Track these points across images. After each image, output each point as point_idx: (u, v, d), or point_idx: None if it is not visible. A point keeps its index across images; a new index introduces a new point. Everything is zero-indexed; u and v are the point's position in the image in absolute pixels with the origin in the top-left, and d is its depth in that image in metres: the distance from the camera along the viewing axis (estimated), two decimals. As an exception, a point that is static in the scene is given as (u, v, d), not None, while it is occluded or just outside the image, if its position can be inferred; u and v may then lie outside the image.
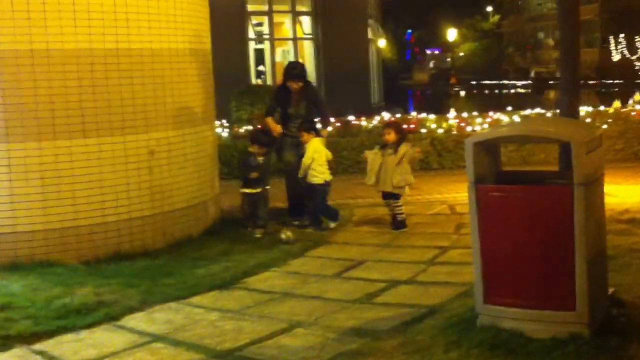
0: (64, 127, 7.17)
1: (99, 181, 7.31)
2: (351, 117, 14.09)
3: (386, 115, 14.35)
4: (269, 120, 9.26)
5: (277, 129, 9.12)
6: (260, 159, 8.69)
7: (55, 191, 7.15)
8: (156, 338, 5.40)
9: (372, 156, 8.75)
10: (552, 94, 44.43)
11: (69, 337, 5.46)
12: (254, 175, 8.57)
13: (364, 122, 13.94)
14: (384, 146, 8.75)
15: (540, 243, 4.79)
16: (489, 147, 5.14)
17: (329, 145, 9.53)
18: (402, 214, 8.78)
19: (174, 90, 7.94)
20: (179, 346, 5.20)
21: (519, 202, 4.84)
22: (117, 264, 7.07)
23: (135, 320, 5.74)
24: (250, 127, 13.58)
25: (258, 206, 8.61)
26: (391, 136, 8.66)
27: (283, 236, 8.14)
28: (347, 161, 13.03)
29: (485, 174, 5.05)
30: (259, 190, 8.64)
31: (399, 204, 8.76)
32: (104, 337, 5.43)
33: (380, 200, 8.97)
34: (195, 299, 6.18)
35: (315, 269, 7.15)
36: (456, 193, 11.02)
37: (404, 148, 8.65)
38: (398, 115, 15.01)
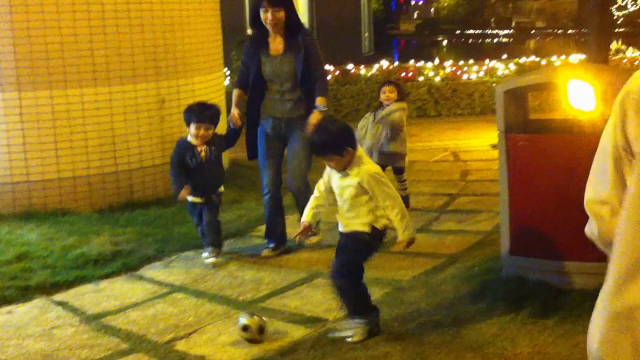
0: (75, 75, 6.79)
1: (110, 130, 6.96)
2: (350, 66, 13.68)
3: (385, 64, 13.91)
4: (233, 96, 5.79)
5: (232, 117, 5.66)
6: (202, 151, 5.52)
7: (67, 140, 6.81)
8: (176, 289, 5.13)
9: (363, 122, 7.00)
10: (532, 44, 44.05)
11: (88, 287, 5.18)
12: (195, 177, 5.54)
13: (362, 70, 13.54)
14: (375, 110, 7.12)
15: (570, 193, 4.50)
16: (517, 96, 4.81)
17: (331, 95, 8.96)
18: (406, 189, 7.14)
19: (184, 38, 7.54)
20: (200, 297, 4.94)
21: (550, 151, 4.53)
22: (131, 213, 6.76)
23: (154, 270, 5.46)
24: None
25: (206, 214, 5.61)
26: (393, 95, 6.90)
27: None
28: (346, 109, 12.71)
29: (513, 123, 4.73)
30: (203, 199, 5.59)
31: (403, 178, 7.17)
32: (124, 288, 5.15)
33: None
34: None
35: (328, 218, 6.84)
36: (457, 140, 10.74)
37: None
38: (396, 64, 14.57)
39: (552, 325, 4.17)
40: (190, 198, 5.60)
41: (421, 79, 13.17)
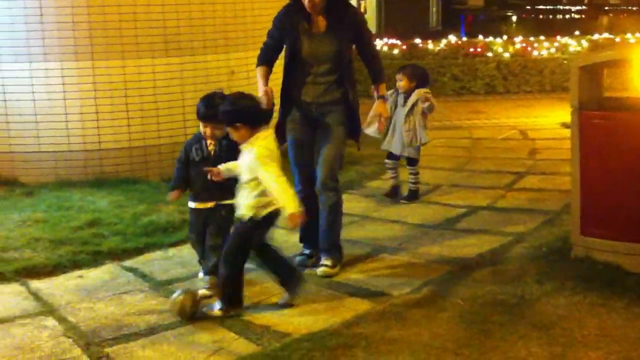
0: (147, 45, 6.86)
1: (180, 100, 7.03)
2: (417, 41, 13.51)
3: (453, 39, 13.69)
4: (259, 74, 5.03)
5: (265, 94, 4.78)
6: (211, 145, 4.59)
7: (138, 109, 6.91)
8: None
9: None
10: (605, 20, 42.78)
11: (157, 254, 5.26)
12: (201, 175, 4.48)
13: (430, 46, 13.36)
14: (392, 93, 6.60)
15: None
16: (592, 73, 4.67)
17: (394, 66, 8.71)
18: (416, 182, 6.70)
19: (254, 10, 7.53)
20: (262, 267, 4.95)
21: (624, 129, 4.39)
22: (199, 182, 6.81)
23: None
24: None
25: (210, 234, 4.54)
26: (403, 82, 6.52)
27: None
28: (412, 84, 12.57)
29: (587, 99, 4.60)
30: (209, 205, 4.57)
31: (417, 170, 6.70)
32: (191, 256, 5.18)
33: (452, 123, 8.46)
34: (277, 220, 5.90)
35: (392, 192, 6.82)
36: (525, 118, 10.54)
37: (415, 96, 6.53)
38: (468, 39, 14.32)
39: (621, 308, 4.07)
40: (190, 204, 4.64)
41: (490, 54, 12.93)
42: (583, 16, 50.26)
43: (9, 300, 4.49)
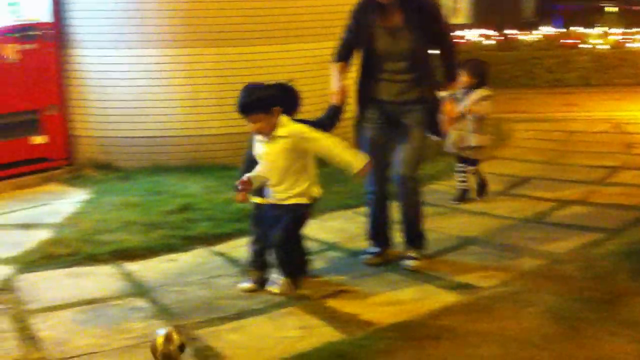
0: (241, 34, 6.92)
1: (273, 88, 7.05)
2: (510, 31, 13.21)
3: (547, 30, 13.34)
4: (334, 70, 4.80)
5: (339, 92, 4.67)
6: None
7: (232, 97, 6.91)
8: (329, 246, 5.15)
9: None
10: None
11: (246, 240, 5.26)
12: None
13: (524, 36, 13.06)
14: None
15: None
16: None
17: (486, 57, 8.52)
18: (464, 181, 6.31)
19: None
20: (353, 256, 4.93)
21: None
22: (288, 170, 6.83)
23: (310, 227, 5.47)
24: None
25: (271, 240, 4.33)
26: (465, 79, 6.10)
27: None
28: (505, 75, 12.31)
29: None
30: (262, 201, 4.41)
31: (474, 170, 6.32)
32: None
33: (544, 115, 8.24)
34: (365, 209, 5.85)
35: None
36: (621, 111, 10.17)
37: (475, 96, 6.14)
38: (563, 30, 13.92)
39: None
40: (255, 199, 4.44)
41: (585, 46, 12.53)
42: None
43: (103, 282, 4.60)
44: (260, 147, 4.30)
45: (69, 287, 4.52)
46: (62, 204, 6.17)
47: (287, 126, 4.19)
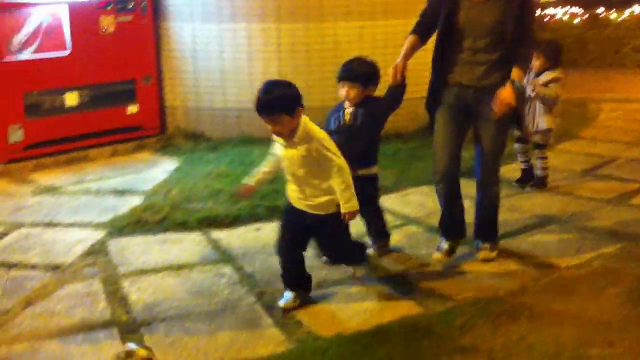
0: (329, 9, 6.88)
1: (357, 63, 7.02)
2: (599, 9, 12.73)
3: (638, 9, 12.78)
4: (406, 44, 4.41)
5: (394, 69, 4.31)
6: (347, 115, 4.33)
7: (318, 71, 6.97)
8: (410, 221, 5.12)
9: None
10: None
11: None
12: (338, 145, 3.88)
13: (613, 15, 12.57)
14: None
15: None
16: None
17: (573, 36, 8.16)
18: (545, 168, 5.97)
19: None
20: (432, 232, 4.88)
21: None
22: (372, 145, 6.81)
23: (390, 201, 5.47)
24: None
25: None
26: (538, 62, 5.74)
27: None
28: (591, 55, 11.92)
29: None
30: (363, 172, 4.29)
31: (545, 154, 5.97)
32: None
33: (632, 96, 7.91)
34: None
35: (564, 165, 6.51)
36: None
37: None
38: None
39: None
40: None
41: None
42: None
43: (191, 248, 4.69)
44: (279, 151, 3.86)
45: (158, 252, 4.64)
46: (153, 172, 6.32)
47: (308, 131, 3.68)
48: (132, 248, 4.70)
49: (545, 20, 12.62)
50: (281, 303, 3.86)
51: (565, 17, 12.69)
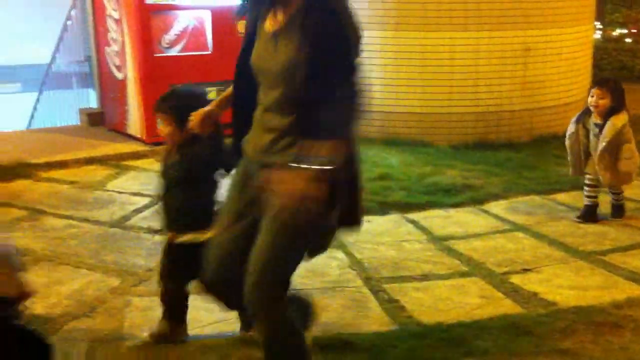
0: (447, 19, 6.87)
1: (474, 72, 6.96)
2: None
3: None
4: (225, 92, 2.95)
5: (197, 114, 2.91)
6: (170, 156, 3.25)
7: (433, 78, 6.96)
8: (517, 227, 5.03)
9: (573, 138, 5.04)
10: None
11: (437, 212, 5.30)
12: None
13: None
14: (581, 117, 5.06)
15: None
16: None
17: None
18: (620, 200, 5.21)
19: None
20: (539, 239, 4.80)
21: None
22: (482, 152, 6.74)
23: (498, 207, 5.41)
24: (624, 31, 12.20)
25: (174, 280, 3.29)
26: (603, 102, 4.88)
27: None
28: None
29: None
30: (181, 239, 3.19)
31: (617, 191, 5.19)
32: (469, 218, 5.20)
33: None
34: (557, 196, 5.64)
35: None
36: None
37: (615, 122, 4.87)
38: None
39: None
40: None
41: None
42: None
43: (307, 232, 4.81)
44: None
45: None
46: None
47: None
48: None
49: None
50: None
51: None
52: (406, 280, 4.09)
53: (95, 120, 7.52)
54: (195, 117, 2.90)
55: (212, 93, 6.98)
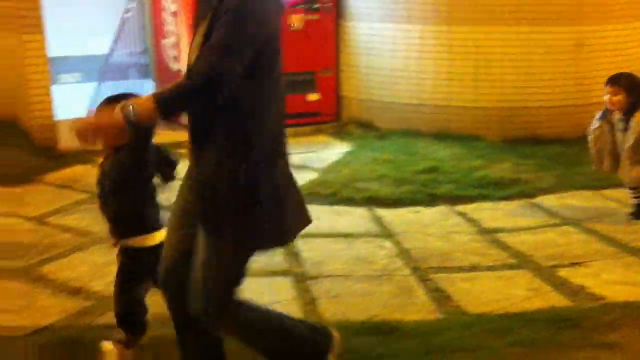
0: (499, 14, 6.82)
1: (527, 67, 6.90)
2: None
3: None
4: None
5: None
6: (105, 161, 3.09)
7: (485, 72, 6.93)
8: (567, 222, 4.98)
9: (597, 133, 4.95)
10: None
11: (486, 205, 5.29)
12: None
13: None
14: (605, 113, 4.93)
15: None
16: None
17: None
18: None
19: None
20: (589, 234, 4.75)
21: None
22: (533, 146, 6.66)
23: (548, 201, 5.37)
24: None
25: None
26: (618, 98, 4.78)
27: None
28: None
29: None
30: (124, 244, 3.08)
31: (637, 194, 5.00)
32: (519, 211, 5.18)
33: None
34: (608, 192, 5.56)
35: None
36: None
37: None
38: None
39: None
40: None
41: None
42: None
43: (356, 221, 4.91)
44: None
45: (327, 220, 4.90)
46: (327, 153, 6.61)
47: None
48: (307, 214, 4.99)
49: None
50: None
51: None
52: (454, 271, 4.11)
53: (152, 110, 7.70)
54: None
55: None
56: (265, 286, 3.88)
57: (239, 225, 2.43)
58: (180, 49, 7.13)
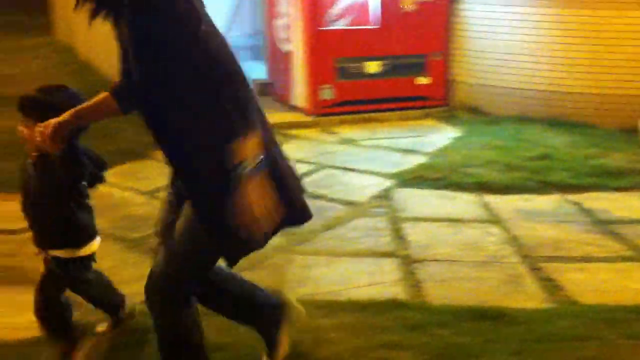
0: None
1: (644, 53, 6.57)
2: None
3: None
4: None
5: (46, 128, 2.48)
6: (30, 165, 2.80)
7: (602, 58, 6.63)
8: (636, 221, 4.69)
9: None
10: None
11: (601, 195, 5.08)
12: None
13: None
14: None
15: None
16: None
17: None
18: None
19: None
20: None
21: None
22: (651, 137, 6.35)
23: (611, 203, 5.07)
24: None
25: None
26: None
27: None
28: None
29: None
30: (51, 254, 2.86)
31: None
32: (635, 202, 4.95)
33: None
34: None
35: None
36: None
37: None
38: None
39: None
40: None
41: None
42: None
43: (464, 206, 4.84)
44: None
45: (435, 205, 4.87)
46: (436, 137, 6.52)
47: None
48: (413, 198, 5.00)
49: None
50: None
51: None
52: (565, 261, 3.99)
53: (263, 90, 7.82)
54: (43, 130, 2.46)
55: (373, 64, 7.14)
56: (370, 266, 3.91)
57: (221, 209, 2.27)
58: (290, 30, 7.20)
